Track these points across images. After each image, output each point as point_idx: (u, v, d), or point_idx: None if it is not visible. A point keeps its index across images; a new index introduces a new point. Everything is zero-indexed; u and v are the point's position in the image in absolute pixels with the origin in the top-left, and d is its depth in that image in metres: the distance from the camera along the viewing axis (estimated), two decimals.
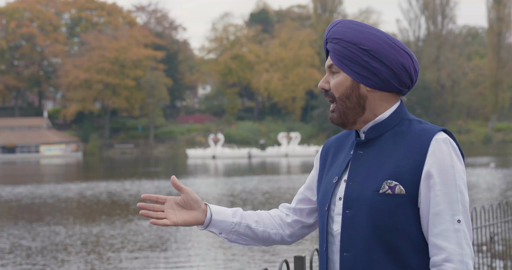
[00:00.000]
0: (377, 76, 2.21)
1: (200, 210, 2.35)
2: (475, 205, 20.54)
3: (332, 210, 2.26)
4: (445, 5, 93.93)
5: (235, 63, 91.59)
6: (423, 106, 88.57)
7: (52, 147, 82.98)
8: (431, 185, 2.12)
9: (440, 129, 2.18)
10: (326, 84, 2.28)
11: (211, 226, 2.37)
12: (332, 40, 2.26)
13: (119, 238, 16.52)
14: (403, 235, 2.14)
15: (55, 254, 14.59)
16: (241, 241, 2.44)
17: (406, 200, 2.13)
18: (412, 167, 2.14)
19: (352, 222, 2.19)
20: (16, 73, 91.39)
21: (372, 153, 2.23)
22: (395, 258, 2.14)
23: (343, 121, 2.26)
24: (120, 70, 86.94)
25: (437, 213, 2.11)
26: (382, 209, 2.14)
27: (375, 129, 2.25)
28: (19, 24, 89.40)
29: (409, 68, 2.25)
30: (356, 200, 2.19)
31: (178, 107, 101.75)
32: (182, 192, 2.34)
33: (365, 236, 2.16)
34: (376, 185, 2.16)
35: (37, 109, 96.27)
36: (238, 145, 78.61)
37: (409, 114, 2.28)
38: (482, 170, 37.09)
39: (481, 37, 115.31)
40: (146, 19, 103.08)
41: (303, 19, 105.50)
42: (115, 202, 24.79)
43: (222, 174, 41.68)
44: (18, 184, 35.25)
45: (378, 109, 2.25)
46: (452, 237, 2.10)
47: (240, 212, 2.42)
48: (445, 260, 2.09)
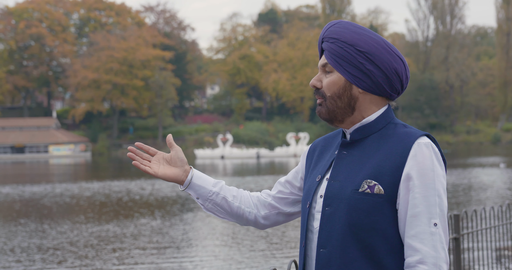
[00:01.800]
0: (370, 78, 2.25)
1: (183, 169, 2.45)
2: (492, 204, 20.48)
3: (313, 208, 2.31)
4: (454, 5, 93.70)
5: (244, 63, 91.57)
6: (432, 106, 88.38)
7: (60, 147, 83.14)
8: (410, 187, 2.16)
9: (423, 134, 2.22)
10: (318, 83, 2.32)
11: (189, 188, 2.46)
12: (328, 39, 2.30)
13: (129, 237, 16.53)
14: (378, 234, 2.17)
15: (69, 253, 14.60)
16: (216, 212, 2.50)
17: (384, 200, 2.17)
18: (392, 168, 2.18)
19: (330, 219, 2.23)
20: (25, 73, 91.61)
21: (355, 154, 2.28)
22: (370, 256, 2.17)
23: (331, 118, 2.31)
24: (128, 70, 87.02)
25: (414, 215, 2.15)
26: (360, 208, 2.18)
27: (361, 130, 2.29)
28: (28, 25, 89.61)
29: (401, 73, 2.29)
30: (336, 198, 2.24)
31: (186, 107, 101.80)
32: (172, 149, 2.46)
33: (341, 233, 2.20)
34: (356, 184, 2.21)
35: (46, 109, 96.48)
36: (247, 145, 78.58)
37: (396, 118, 2.32)
38: (492, 170, 36.96)
39: (490, 37, 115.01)
40: (155, 19, 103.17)
41: (311, 19, 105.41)
42: (132, 200, 24.83)
43: (231, 173, 41.66)
44: (33, 183, 35.33)
45: (367, 112, 2.29)
46: (428, 240, 2.12)
47: (222, 184, 2.50)
48: (418, 262, 2.12)
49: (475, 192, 25.19)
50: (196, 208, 22.37)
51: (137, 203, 24.37)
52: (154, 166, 2.44)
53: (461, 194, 24.67)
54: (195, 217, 20.18)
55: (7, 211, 23.40)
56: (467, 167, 40.26)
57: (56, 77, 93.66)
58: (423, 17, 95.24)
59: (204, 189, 2.46)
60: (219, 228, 17.80)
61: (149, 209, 22.47)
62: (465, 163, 44.17)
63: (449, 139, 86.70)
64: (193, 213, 21.12)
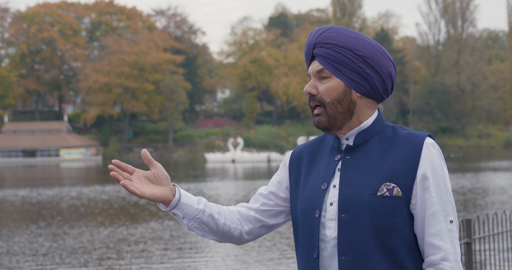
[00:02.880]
0: (368, 82, 2.27)
1: (169, 188, 2.30)
2: (504, 209, 20.38)
3: (323, 216, 2.27)
4: (465, 8, 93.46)
5: (254, 67, 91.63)
6: (443, 110, 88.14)
7: (72, 150, 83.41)
8: (427, 186, 2.19)
9: (427, 135, 2.26)
10: (314, 89, 2.29)
11: (177, 208, 2.32)
12: (324, 45, 2.28)
13: (141, 239, 16.56)
14: (400, 236, 2.19)
15: (91, 254, 14.64)
16: (199, 231, 2.37)
17: (403, 202, 2.20)
18: (407, 170, 2.21)
19: (349, 226, 2.21)
20: (36, 77, 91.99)
21: (361, 158, 2.27)
22: (393, 259, 2.19)
23: (331, 125, 2.29)
24: (139, 74, 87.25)
25: (432, 214, 2.19)
26: (381, 211, 2.19)
27: (362, 135, 2.30)
28: (39, 29, 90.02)
29: (394, 77, 2.34)
30: (353, 203, 2.22)
31: (197, 111, 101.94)
32: (153, 167, 2.29)
33: (364, 239, 2.19)
34: (373, 188, 2.21)
35: (57, 113, 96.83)
36: (257, 149, 78.59)
37: (386, 121, 2.35)
38: (504, 174, 36.82)
39: (501, 41, 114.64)
40: (166, 23, 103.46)
41: (322, 22, 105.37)
42: (150, 203, 24.87)
43: (242, 177, 41.66)
44: (46, 186, 35.46)
45: (363, 116, 2.31)
46: (447, 237, 2.18)
47: (204, 201, 2.37)
48: (442, 259, 2.16)
49: (487, 196, 25.09)
50: None
51: (153, 205, 24.42)
52: (139, 186, 2.28)
53: (473, 198, 24.58)
54: None
55: (25, 213, 23.49)
56: (479, 171, 40.12)
57: (67, 81, 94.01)
58: (434, 20, 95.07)
59: (191, 208, 2.33)
60: None
61: (161, 211, 22.49)
62: (477, 167, 44.01)
63: (460, 143, 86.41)
64: None
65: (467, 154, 69.65)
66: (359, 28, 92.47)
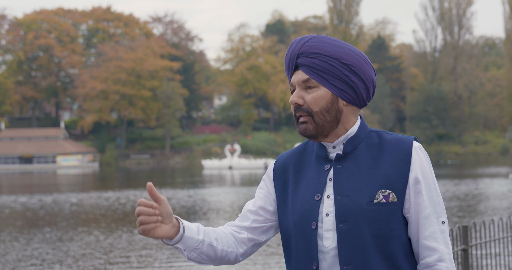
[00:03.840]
0: (354, 90, 2.28)
1: (171, 225, 2.21)
2: (501, 215, 20.39)
3: (320, 227, 2.26)
4: (462, 15, 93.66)
5: (251, 73, 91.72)
6: (440, 116, 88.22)
7: (69, 157, 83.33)
8: (419, 190, 2.23)
9: (413, 138, 2.29)
10: (300, 99, 2.28)
11: (180, 243, 2.25)
12: (308, 54, 2.27)
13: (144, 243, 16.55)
14: (397, 241, 2.22)
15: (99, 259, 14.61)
16: (198, 259, 2.33)
17: (398, 207, 2.22)
18: (399, 175, 2.23)
19: (349, 235, 2.22)
20: (33, 84, 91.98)
21: (351, 166, 2.28)
22: (392, 264, 2.22)
23: (318, 133, 2.28)
24: (136, 81, 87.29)
25: (425, 216, 2.22)
26: (379, 218, 2.21)
27: (350, 142, 2.30)
28: (36, 35, 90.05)
29: (375, 83, 2.35)
30: (350, 213, 2.22)
31: (194, 117, 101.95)
32: (160, 204, 2.17)
33: (364, 247, 2.21)
34: (369, 195, 2.22)
35: (54, 119, 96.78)
36: (254, 156, 78.59)
37: (368, 126, 2.37)
38: (502, 180, 36.85)
39: (498, 48, 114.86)
40: (163, 30, 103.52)
41: (319, 29, 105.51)
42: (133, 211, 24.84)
43: (239, 184, 41.66)
44: (43, 193, 35.41)
45: (349, 123, 2.31)
46: (440, 238, 2.22)
47: (203, 229, 2.31)
48: (438, 260, 2.21)
49: (484, 203, 25.10)
50: (208, 216, 22.36)
51: None
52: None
53: (470, 204, 24.58)
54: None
55: (27, 220, 23.46)
56: (476, 177, 40.14)
57: (64, 88, 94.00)
58: (431, 27, 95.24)
59: (193, 240, 2.27)
60: None
61: None
62: (474, 174, 44.03)
63: (457, 149, 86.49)
64: (205, 221, 21.11)
65: (464, 160, 69.68)
66: (356, 35, 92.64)
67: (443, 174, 43.45)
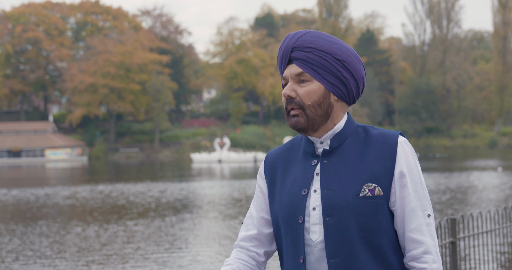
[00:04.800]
0: (345, 86, 2.31)
1: None
2: (489, 208, 20.49)
3: (307, 221, 2.29)
4: (450, 9, 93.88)
5: (240, 67, 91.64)
6: (429, 110, 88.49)
7: (57, 151, 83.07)
8: (404, 183, 2.26)
9: (399, 133, 2.33)
10: (293, 92, 2.30)
11: None
12: (303, 49, 2.30)
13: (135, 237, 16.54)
14: (384, 234, 2.26)
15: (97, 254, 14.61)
16: None
17: (384, 200, 2.25)
18: (385, 169, 2.26)
19: (335, 229, 2.25)
20: (21, 77, 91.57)
21: (338, 161, 2.31)
22: (379, 257, 2.25)
23: (308, 127, 2.31)
24: (125, 74, 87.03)
25: (411, 209, 2.26)
26: (365, 212, 2.24)
27: (337, 138, 2.33)
28: (24, 29, 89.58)
29: (365, 81, 2.40)
30: (337, 206, 2.25)
31: (183, 111, 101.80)
32: None
33: (351, 240, 2.24)
34: (355, 189, 2.25)
35: (42, 113, 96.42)
36: (244, 149, 78.60)
37: (355, 121, 2.39)
38: (490, 173, 37.02)
39: (486, 41, 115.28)
40: (152, 24, 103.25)
41: (308, 23, 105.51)
42: (133, 203, 24.83)
43: (229, 177, 41.67)
44: (32, 187, 35.34)
45: (338, 118, 2.34)
46: (426, 231, 2.26)
47: None
48: (424, 253, 2.24)
49: (472, 196, 25.22)
50: (198, 210, 22.37)
51: (146, 203, 24.38)
52: None
53: (458, 197, 24.70)
54: (199, 218, 20.19)
55: (17, 213, 23.40)
56: (465, 170, 40.31)
57: (52, 81, 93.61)
58: (419, 21, 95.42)
59: None
60: (223, 231, 17.80)
61: (160, 210, 22.48)
62: (463, 167, 44.21)
63: (446, 143, 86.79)
64: (196, 215, 21.13)
65: (452, 154, 69.91)
66: (345, 29, 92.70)
67: (432, 168, 43.61)
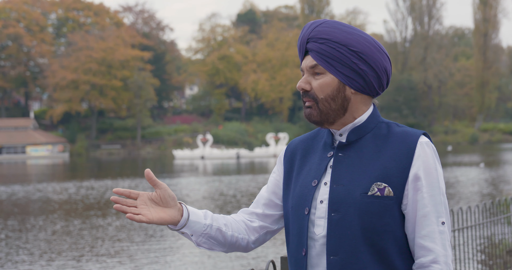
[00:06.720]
0: (363, 78, 2.21)
1: (176, 208, 2.23)
2: (470, 204, 20.62)
3: (313, 214, 2.23)
4: (432, 6, 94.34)
5: (223, 63, 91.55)
6: (410, 106, 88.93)
7: (38, 147, 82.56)
8: (419, 187, 2.14)
9: (422, 133, 2.21)
10: (307, 85, 2.24)
11: (185, 227, 2.26)
12: (317, 40, 2.22)
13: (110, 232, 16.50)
14: (390, 237, 2.15)
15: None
16: (207, 245, 2.33)
17: (394, 202, 2.15)
18: (399, 169, 2.15)
19: (339, 225, 2.17)
20: (2, 73, 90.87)
21: (354, 156, 2.22)
22: (382, 259, 2.15)
23: (322, 120, 2.24)
24: (107, 71, 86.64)
25: (424, 215, 2.14)
26: (372, 211, 2.14)
27: (356, 131, 2.24)
28: (5, 24, 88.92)
29: (389, 72, 2.27)
30: (343, 202, 2.17)
31: (165, 107, 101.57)
32: (158, 188, 2.21)
33: (353, 239, 2.15)
34: (364, 187, 2.16)
35: (23, 109, 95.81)
36: (226, 146, 78.57)
37: (381, 117, 2.29)
38: (472, 169, 37.27)
39: (467, 38, 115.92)
40: (133, 20, 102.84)
41: (290, 19, 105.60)
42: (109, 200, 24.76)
43: (212, 173, 41.65)
44: (17, 183, 35.14)
45: (358, 112, 2.25)
46: (438, 239, 2.13)
47: (210, 214, 2.32)
48: (432, 262, 2.12)
49: (454, 191, 25.38)
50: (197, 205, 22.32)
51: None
52: (146, 212, 2.19)
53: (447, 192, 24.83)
54: None
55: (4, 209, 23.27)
56: (445, 166, 40.55)
57: (33, 78, 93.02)
58: (401, 18, 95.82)
59: (199, 224, 2.27)
60: None
61: None
62: (445, 163, 44.47)
63: None
64: None
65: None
66: None
67: None
